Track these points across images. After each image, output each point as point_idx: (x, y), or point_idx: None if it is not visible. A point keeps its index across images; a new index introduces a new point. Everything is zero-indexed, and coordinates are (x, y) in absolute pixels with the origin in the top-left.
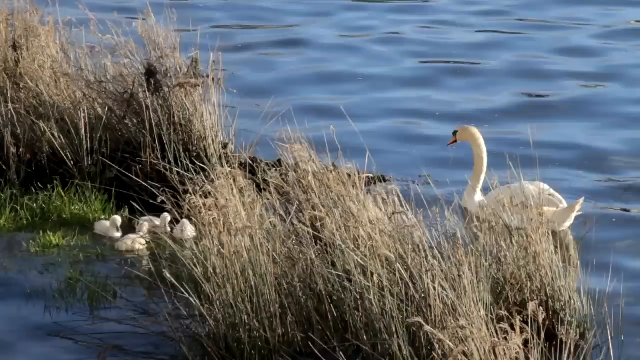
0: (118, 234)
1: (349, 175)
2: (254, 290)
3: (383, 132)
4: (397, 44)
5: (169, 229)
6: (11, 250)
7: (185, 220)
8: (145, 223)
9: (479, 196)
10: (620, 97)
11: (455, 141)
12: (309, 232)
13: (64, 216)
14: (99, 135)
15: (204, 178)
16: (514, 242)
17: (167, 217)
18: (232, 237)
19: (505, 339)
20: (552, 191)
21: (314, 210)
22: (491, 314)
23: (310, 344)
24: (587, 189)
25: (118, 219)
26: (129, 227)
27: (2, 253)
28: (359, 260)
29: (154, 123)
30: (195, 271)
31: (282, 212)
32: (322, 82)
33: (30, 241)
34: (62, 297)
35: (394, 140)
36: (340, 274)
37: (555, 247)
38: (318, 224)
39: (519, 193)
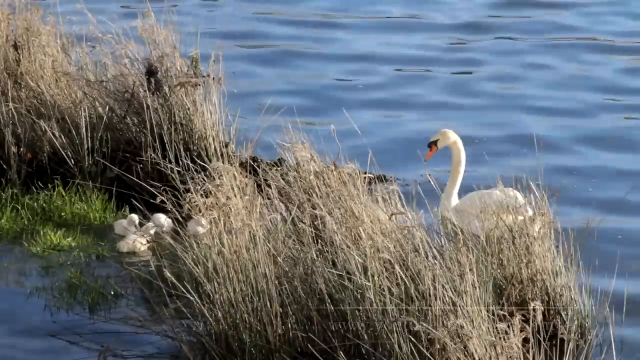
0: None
1: (350, 175)
2: (255, 290)
3: (384, 130)
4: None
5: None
6: (12, 249)
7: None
8: (150, 224)
9: (455, 201)
10: None
11: (435, 151)
12: (309, 232)
13: (65, 216)
14: (99, 134)
15: (204, 177)
16: (515, 242)
17: (135, 218)
18: (233, 236)
19: (506, 338)
20: (520, 199)
21: (315, 210)
22: (492, 313)
23: (310, 344)
24: (589, 188)
25: (135, 217)
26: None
27: (3, 252)
28: (360, 260)
29: (154, 122)
30: (195, 270)
31: (282, 212)
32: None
33: (31, 241)
34: (62, 297)
35: (396, 139)
36: (341, 273)
37: (557, 246)
38: (319, 224)
39: (486, 199)
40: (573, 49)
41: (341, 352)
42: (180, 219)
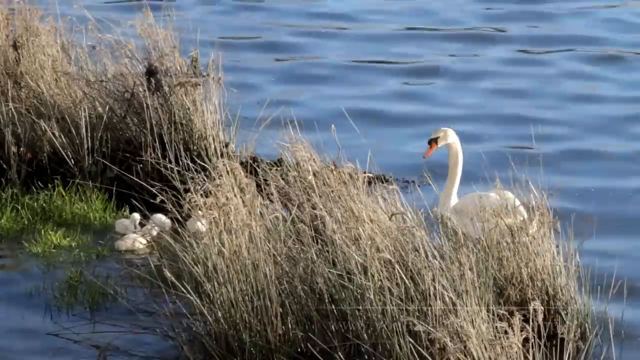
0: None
1: (350, 175)
2: (255, 290)
3: (382, 131)
4: None
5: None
6: (12, 249)
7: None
8: (150, 225)
9: (454, 201)
10: None
11: (436, 148)
12: (309, 232)
13: (65, 216)
14: (99, 134)
15: (204, 177)
16: (515, 242)
17: (137, 217)
18: (233, 236)
19: (506, 338)
20: (515, 201)
21: (315, 210)
22: (492, 314)
23: (310, 344)
24: (589, 187)
25: (137, 216)
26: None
27: (3, 252)
28: (360, 259)
29: (154, 122)
30: (195, 270)
31: (282, 212)
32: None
33: (31, 240)
34: (62, 297)
35: (395, 139)
36: (341, 273)
37: (557, 246)
38: (319, 224)
39: (482, 202)
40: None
41: (341, 352)
42: (180, 218)
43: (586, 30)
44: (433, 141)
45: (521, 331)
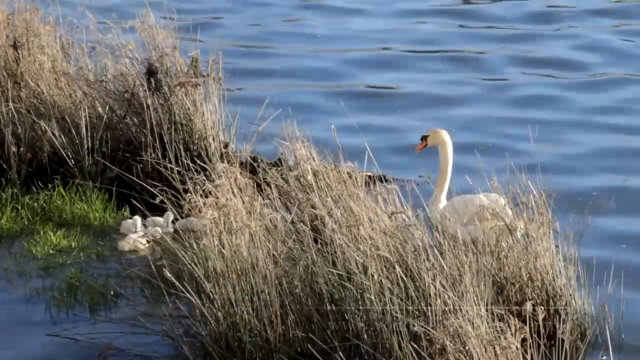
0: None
1: (350, 175)
2: (255, 290)
3: (382, 131)
4: None
5: (171, 228)
6: (12, 249)
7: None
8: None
9: (442, 204)
10: None
11: (426, 145)
12: (309, 232)
13: (65, 216)
14: (99, 134)
15: (204, 177)
16: (515, 241)
17: (170, 215)
18: (233, 237)
19: (505, 338)
20: (503, 204)
21: (314, 210)
22: (491, 313)
23: (310, 345)
24: (587, 187)
25: (138, 220)
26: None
27: (3, 252)
28: (360, 259)
29: (154, 122)
30: (195, 271)
31: (282, 212)
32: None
33: (31, 241)
34: (62, 297)
35: (395, 140)
36: (341, 273)
37: (556, 246)
38: (318, 223)
39: (470, 204)
40: None
41: (341, 352)
42: (180, 219)
43: None
44: (424, 138)
45: (520, 331)
